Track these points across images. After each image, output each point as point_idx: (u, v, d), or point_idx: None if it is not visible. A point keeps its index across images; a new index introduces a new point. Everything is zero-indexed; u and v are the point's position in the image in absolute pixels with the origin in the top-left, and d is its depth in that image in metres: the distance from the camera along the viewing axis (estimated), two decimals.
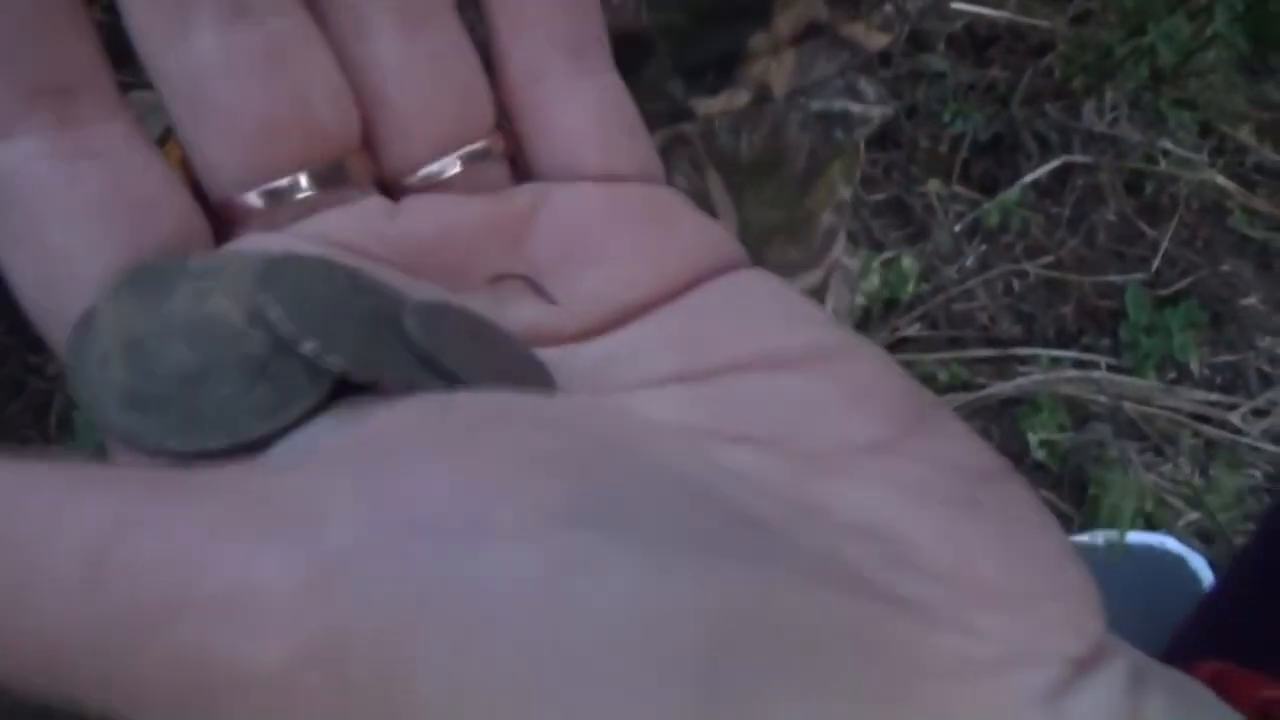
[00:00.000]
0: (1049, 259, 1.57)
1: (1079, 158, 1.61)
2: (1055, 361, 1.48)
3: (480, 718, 0.13)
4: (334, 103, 0.21)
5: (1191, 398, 1.48)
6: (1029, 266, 1.55)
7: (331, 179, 0.21)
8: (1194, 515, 1.37)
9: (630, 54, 0.63)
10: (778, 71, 0.65)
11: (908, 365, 1.33)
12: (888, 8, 0.66)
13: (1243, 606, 0.92)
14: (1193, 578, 1.22)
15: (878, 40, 0.67)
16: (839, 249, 0.77)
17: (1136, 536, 1.23)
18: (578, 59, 0.22)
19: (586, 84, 0.23)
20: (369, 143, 0.22)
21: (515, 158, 0.24)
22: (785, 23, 0.63)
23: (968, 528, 0.17)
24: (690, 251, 0.21)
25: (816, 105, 0.67)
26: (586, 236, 0.21)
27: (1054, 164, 1.59)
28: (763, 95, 0.65)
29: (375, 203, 0.22)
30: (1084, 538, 1.22)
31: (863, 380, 0.19)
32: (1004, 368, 1.49)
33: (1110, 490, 1.35)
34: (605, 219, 0.21)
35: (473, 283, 0.21)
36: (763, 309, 0.21)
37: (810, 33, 0.64)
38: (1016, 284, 1.55)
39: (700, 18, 0.61)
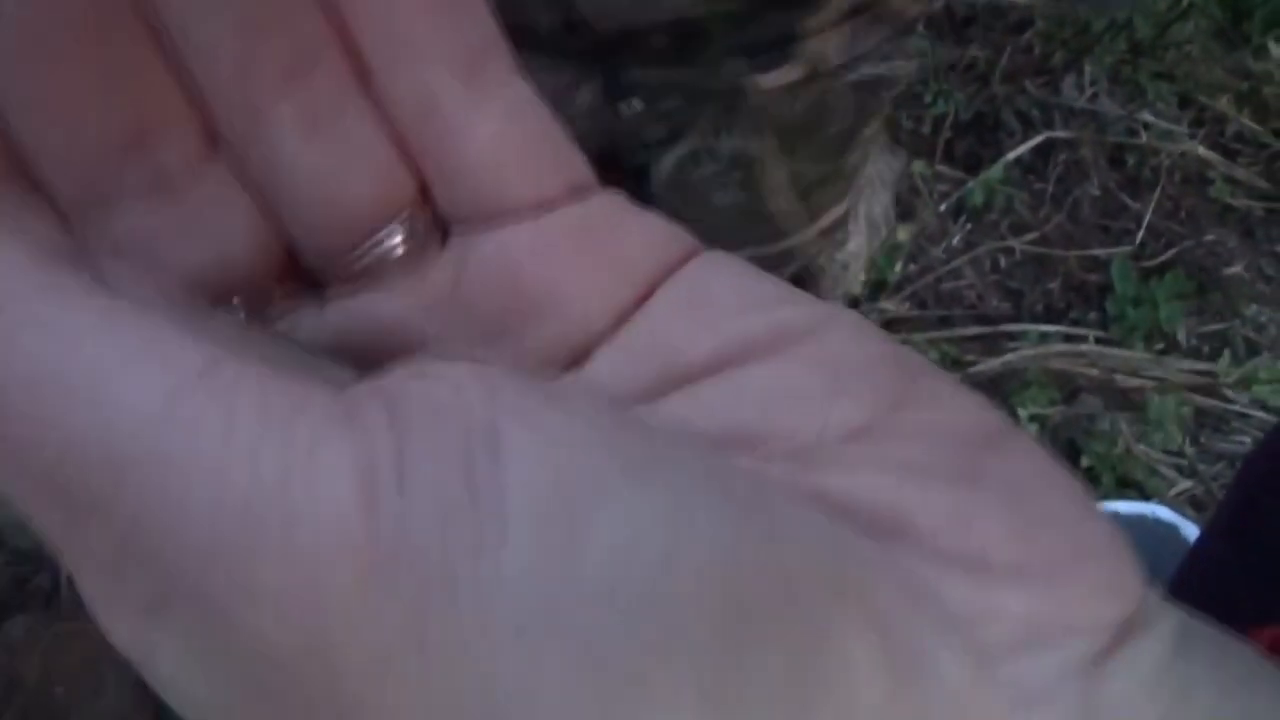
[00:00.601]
0: (1034, 235, 1.58)
1: (1060, 133, 1.62)
2: (1044, 337, 1.50)
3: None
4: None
5: (1180, 367, 1.49)
6: (1015, 243, 1.56)
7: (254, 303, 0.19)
8: (1186, 484, 1.39)
9: (691, 39, 0.69)
10: (828, 48, 0.70)
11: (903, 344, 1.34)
12: None
13: (1225, 558, 0.93)
14: (1186, 546, 1.23)
15: (915, 9, 0.71)
16: (879, 204, 0.85)
17: (1129, 506, 1.25)
18: (473, 76, 0.19)
19: (489, 104, 0.19)
20: (287, 247, 0.19)
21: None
22: (836, 4, 0.68)
23: (974, 501, 0.16)
24: (640, 260, 0.20)
25: (855, 75, 0.72)
26: (524, 289, 0.19)
27: (1036, 140, 1.60)
28: (815, 70, 0.70)
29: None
30: None
31: (838, 358, 0.18)
32: (993, 345, 1.50)
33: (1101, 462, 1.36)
34: (540, 262, 0.19)
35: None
36: (724, 299, 0.19)
37: (857, 10, 0.68)
38: (1003, 261, 1.56)
39: (757, 3, 0.66)
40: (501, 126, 0.19)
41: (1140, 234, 1.60)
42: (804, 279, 0.87)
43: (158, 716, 1.29)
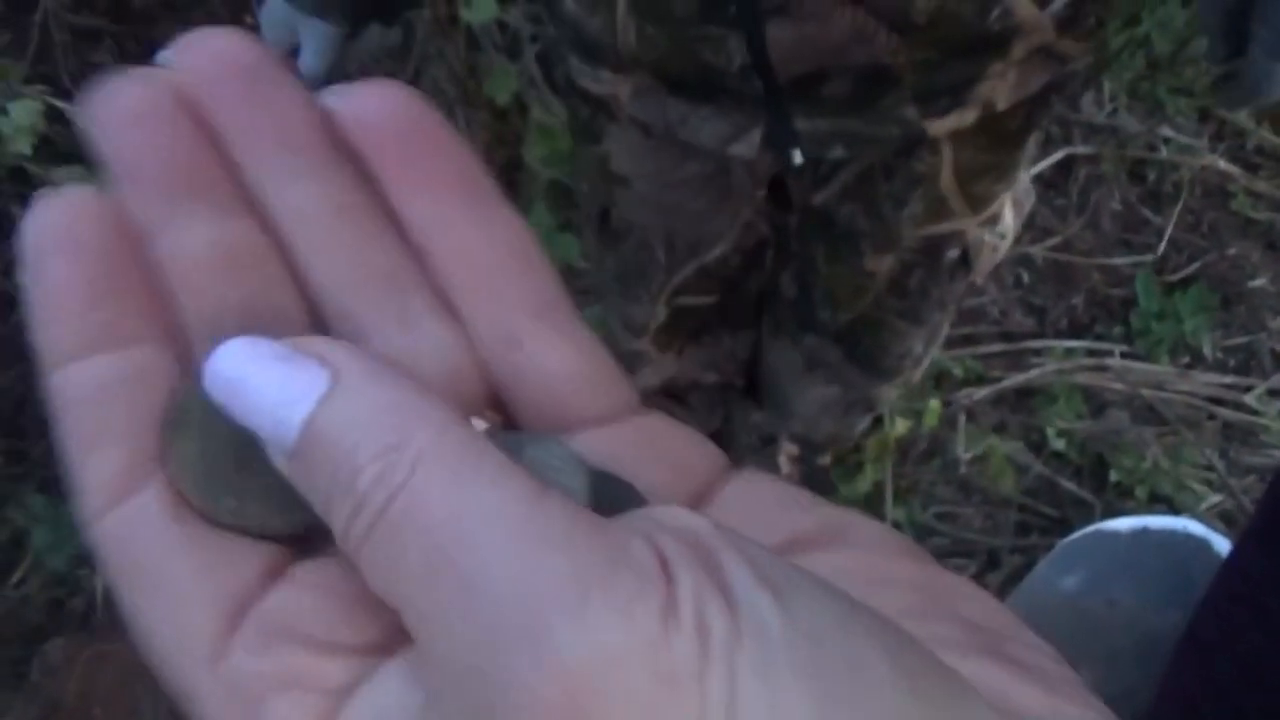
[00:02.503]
0: (1056, 241, 1.58)
1: (1081, 149, 1.63)
2: (1068, 352, 1.50)
3: None
4: None
5: (1206, 381, 1.49)
6: (1037, 249, 1.56)
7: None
8: (1216, 498, 1.38)
9: (873, 85, 0.70)
10: (1001, 89, 0.71)
11: None
12: (1091, 21, 0.71)
13: (1257, 570, 0.92)
14: (1218, 560, 1.23)
15: (1084, 51, 0.73)
16: (1022, 184, 0.89)
17: (1160, 521, 1.24)
18: (547, 318, 0.23)
19: (561, 341, 0.23)
20: None
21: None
22: (1020, 49, 0.69)
23: (1014, 677, 0.19)
24: (696, 465, 0.23)
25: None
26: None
27: (1057, 156, 1.60)
28: (988, 111, 0.72)
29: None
30: (1108, 525, 1.23)
31: (873, 551, 0.21)
32: (1017, 360, 1.50)
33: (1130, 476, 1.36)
34: (616, 461, 0.22)
35: None
36: (774, 501, 0.23)
37: (1035, 53, 0.70)
38: (1026, 276, 1.56)
39: (949, 51, 0.68)
40: (573, 359, 0.23)
41: (1162, 247, 1.60)
42: (966, 257, 0.89)
43: None
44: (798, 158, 0.76)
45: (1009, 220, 0.90)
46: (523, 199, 1.78)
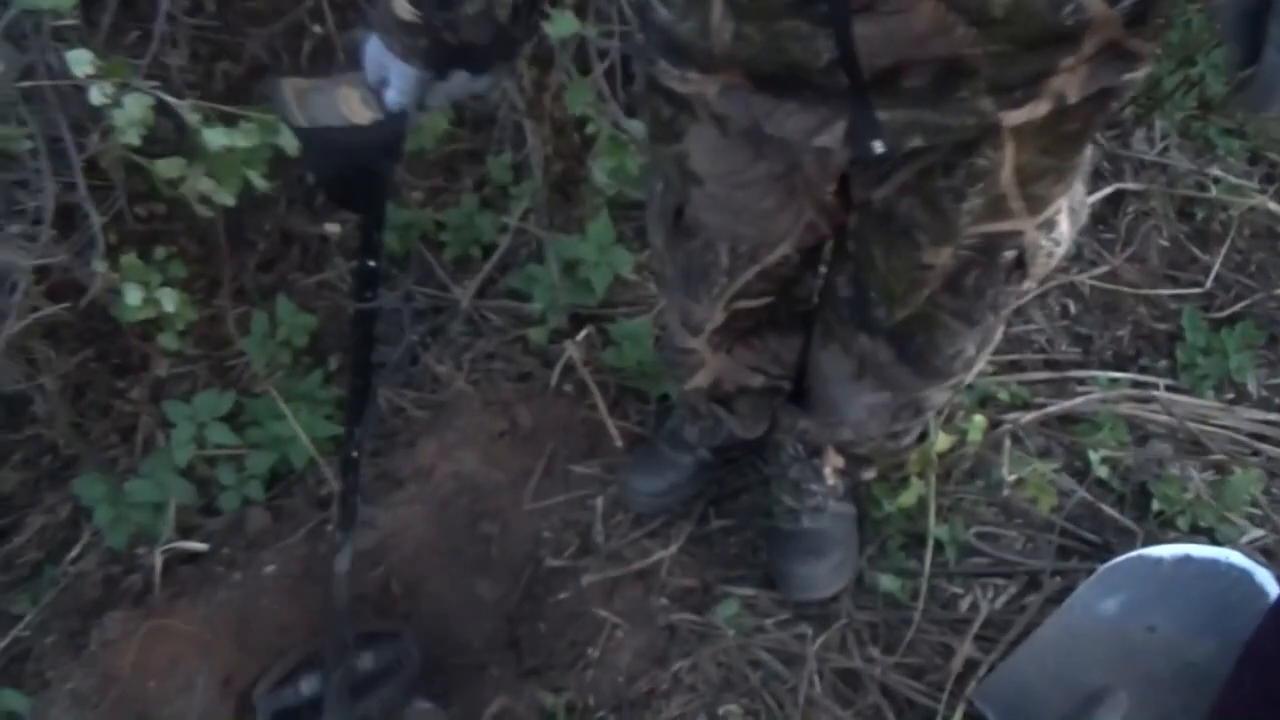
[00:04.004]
0: (1103, 271, 1.59)
1: (1130, 185, 1.65)
2: (1114, 382, 1.51)
3: None
4: None
5: (1250, 417, 1.50)
6: (1084, 277, 1.58)
7: None
8: (1259, 533, 1.39)
9: (951, 77, 0.73)
10: (1072, 83, 0.74)
11: (968, 386, 1.37)
12: (1159, 21, 0.75)
13: None
14: (1260, 591, 1.23)
15: (1151, 49, 0.77)
16: (1077, 194, 0.92)
17: (1202, 550, 1.25)
18: None
19: None
20: None
21: None
22: (1090, 44, 0.72)
23: None
24: None
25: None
26: None
27: (1107, 191, 1.63)
28: (1059, 104, 0.75)
29: None
30: (1151, 552, 1.24)
31: None
32: (1061, 388, 1.52)
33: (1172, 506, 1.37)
34: None
35: None
36: None
37: (1105, 49, 0.73)
38: (1073, 306, 1.59)
39: (1023, 44, 0.71)
40: None
41: (1209, 284, 1.62)
42: (1022, 260, 0.92)
43: (240, 710, 1.34)
44: (879, 148, 0.79)
45: (1065, 228, 0.93)
46: (580, 212, 1.83)
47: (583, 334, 1.63)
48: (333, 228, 1.99)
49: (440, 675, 1.41)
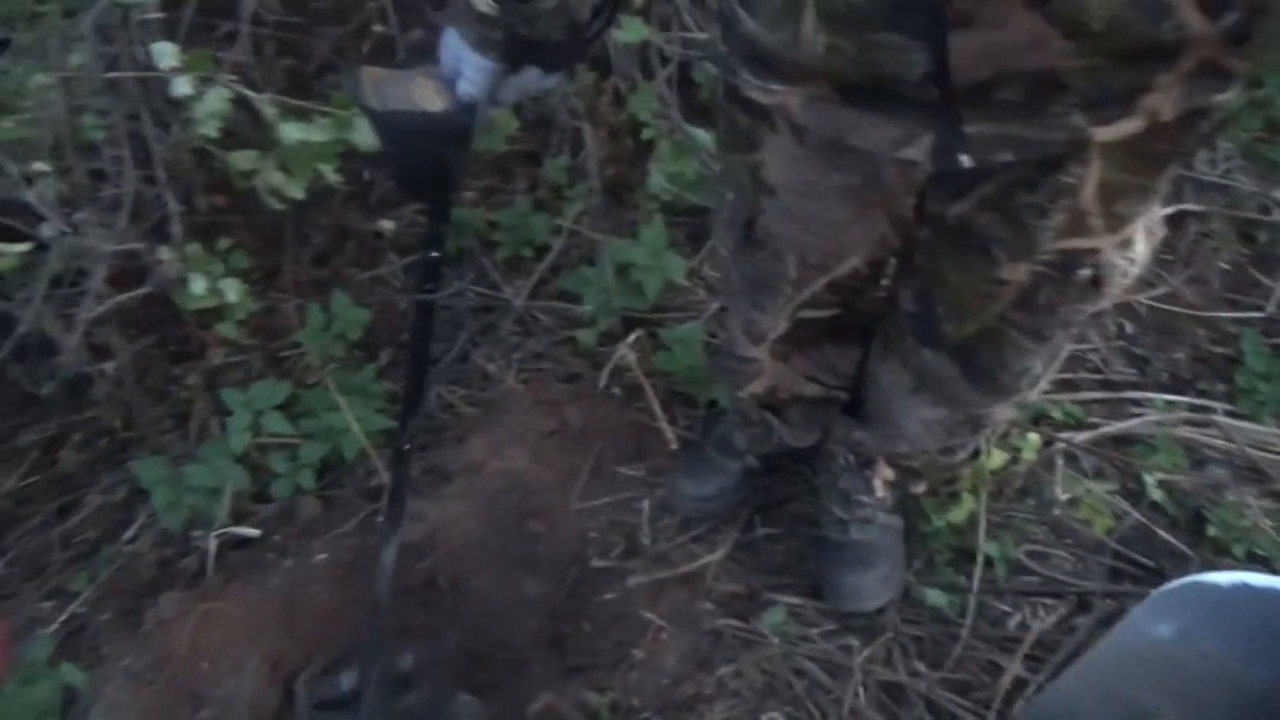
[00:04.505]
0: (1161, 292, 1.57)
1: (1192, 206, 1.63)
2: (1170, 405, 1.49)
3: None
4: None
5: None
6: (1141, 300, 1.56)
7: None
8: None
9: (1043, 91, 0.73)
10: (1166, 101, 0.74)
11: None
12: (1257, 41, 0.73)
13: None
14: None
15: (1245, 66, 0.75)
16: (1154, 215, 0.91)
17: (1261, 578, 1.23)
18: None
19: None
20: None
21: None
22: (1188, 61, 0.72)
23: None
24: None
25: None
26: None
27: (1168, 211, 1.61)
28: (1152, 122, 0.75)
29: None
30: (1207, 577, 1.22)
31: None
32: (1116, 409, 1.50)
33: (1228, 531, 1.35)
34: None
35: None
36: None
37: (1201, 67, 0.72)
38: (1129, 326, 1.57)
39: (1119, 58, 0.70)
40: None
41: (1271, 309, 1.59)
42: (1098, 278, 0.90)
43: (288, 698, 1.36)
44: (966, 162, 0.79)
45: (1141, 248, 0.92)
46: (632, 216, 1.85)
47: (633, 337, 1.64)
48: (387, 224, 2.02)
49: (483, 670, 1.42)
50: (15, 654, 1.40)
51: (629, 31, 1.17)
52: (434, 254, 0.97)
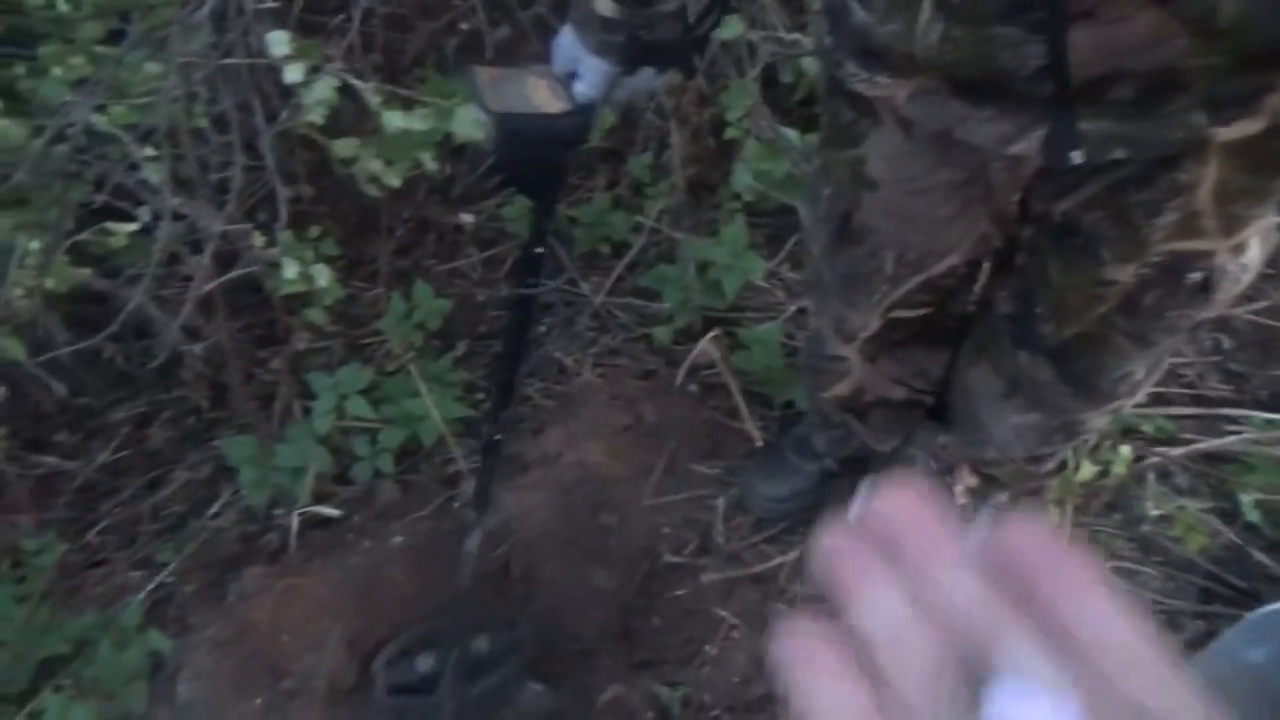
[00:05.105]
0: (1261, 305, 1.52)
1: None
2: (1269, 423, 1.44)
3: None
4: None
5: None
6: (1239, 313, 1.51)
7: None
8: None
9: (1163, 89, 0.72)
10: None
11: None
12: None
13: None
14: None
15: None
16: (1270, 220, 0.88)
17: None
18: (1168, 694, 0.27)
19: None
20: None
21: None
22: None
23: None
24: None
25: None
26: None
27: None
28: (1275, 122, 0.73)
29: None
30: None
31: None
32: (1211, 425, 1.46)
33: None
34: None
35: None
36: None
37: None
38: (1226, 341, 1.52)
39: (1242, 59, 0.69)
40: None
41: None
42: (1208, 282, 0.88)
43: (364, 673, 1.38)
44: (1079, 158, 0.78)
45: (1255, 253, 0.90)
46: (711, 216, 1.85)
47: (710, 335, 1.64)
48: (467, 218, 2.05)
49: (552, 660, 1.43)
50: None
51: (727, 29, 1.18)
52: (538, 250, 0.98)
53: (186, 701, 1.34)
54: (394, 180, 1.22)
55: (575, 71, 0.91)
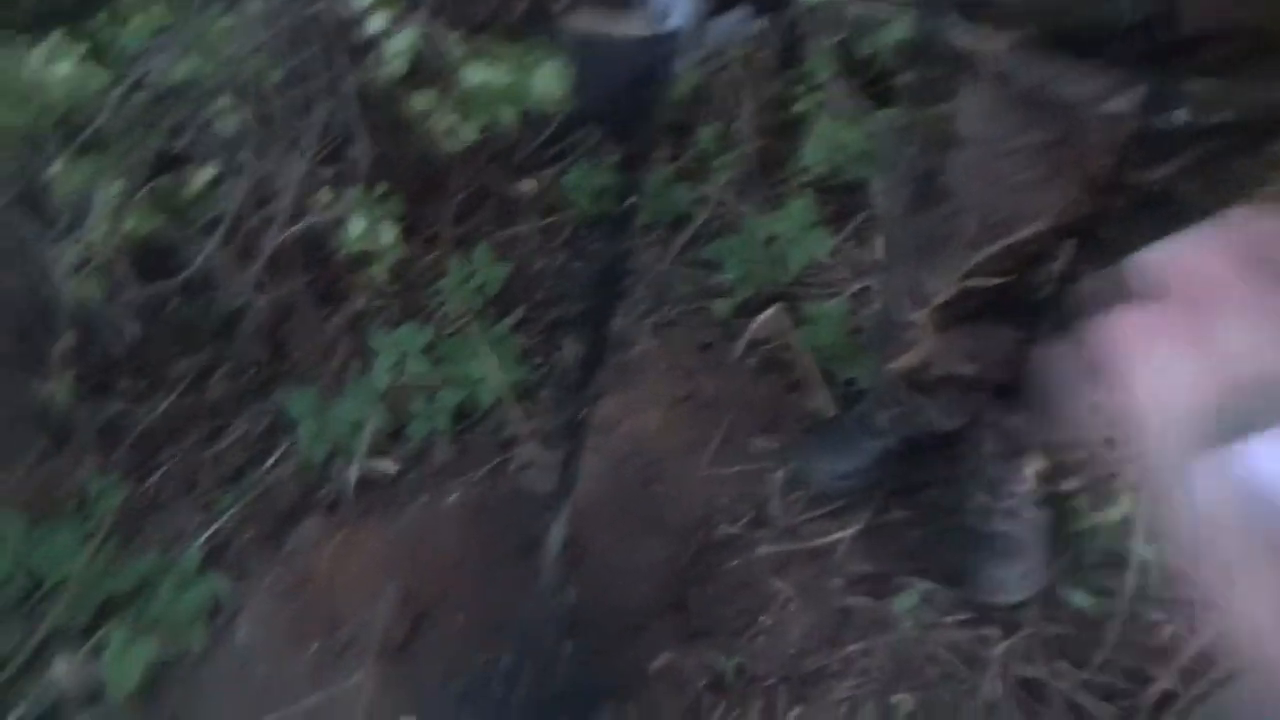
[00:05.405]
0: None
1: None
2: None
3: None
4: None
5: None
6: None
7: None
8: None
9: (1271, 49, 0.69)
10: None
11: None
12: None
13: None
14: None
15: None
16: None
17: None
18: None
19: None
20: None
21: None
22: None
23: None
24: None
25: None
26: None
27: None
28: None
29: None
30: None
31: None
32: None
33: None
34: None
35: None
36: None
37: None
38: None
39: None
40: None
41: None
42: None
43: (415, 629, 1.39)
44: (1182, 118, 0.75)
45: None
46: (776, 191, 1.83)
47: (772, 309, 1.62)
48: (527, 185, 2.05)
49: (604, 628, 1.43)
50: None
51: None
52: (630, 200, 0.96)
53: (245, 644, 1.36)
54: (470, 135, 1.22)
55: (669, 11, 0.89)
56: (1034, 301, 1.18)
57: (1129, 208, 0.94)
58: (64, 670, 1.33)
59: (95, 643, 1.38)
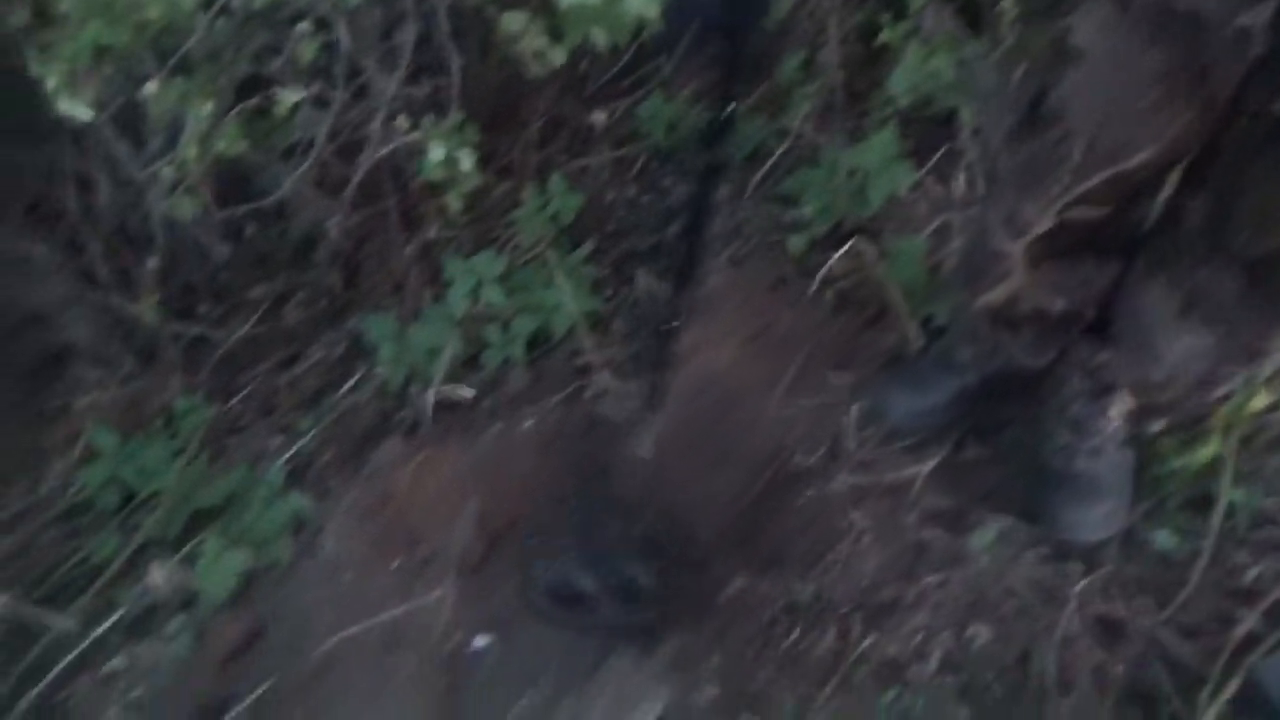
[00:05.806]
0: None
1: None
2: None
3: None
4: None
5: None
6: None
7: None
8: None
9: None
10: None
11: None
12: None
13: None
14: None
15: None
16: None
17: None
18: None
19: None
20: None
21: None
22: None
23: None
24: None
25: None
26: None
27: None
28: None
29: None
30: None
31: None
32: None
33: None
34: None
35: None
36: None
37: None
38: None
39: None
40: None
41: None
42: None
43: (492, 549, 1.42)
44: None
45: None
46: (855, 124, 1.79)
47: (850, 243, 1.60)
48: (600, 116, 2.03)
49: (678, 555, 1.45)
50: None
51: None
52: (730, 107, 0.92)
53: (330, 558, 1.41)
54: (558, 58, 1.20)
55: None
56: (1133, 237, 1.14)
57: (1246, 139, 0.90)
58: (159, 577, 1.39)
59: (188, 552, 1.44)
